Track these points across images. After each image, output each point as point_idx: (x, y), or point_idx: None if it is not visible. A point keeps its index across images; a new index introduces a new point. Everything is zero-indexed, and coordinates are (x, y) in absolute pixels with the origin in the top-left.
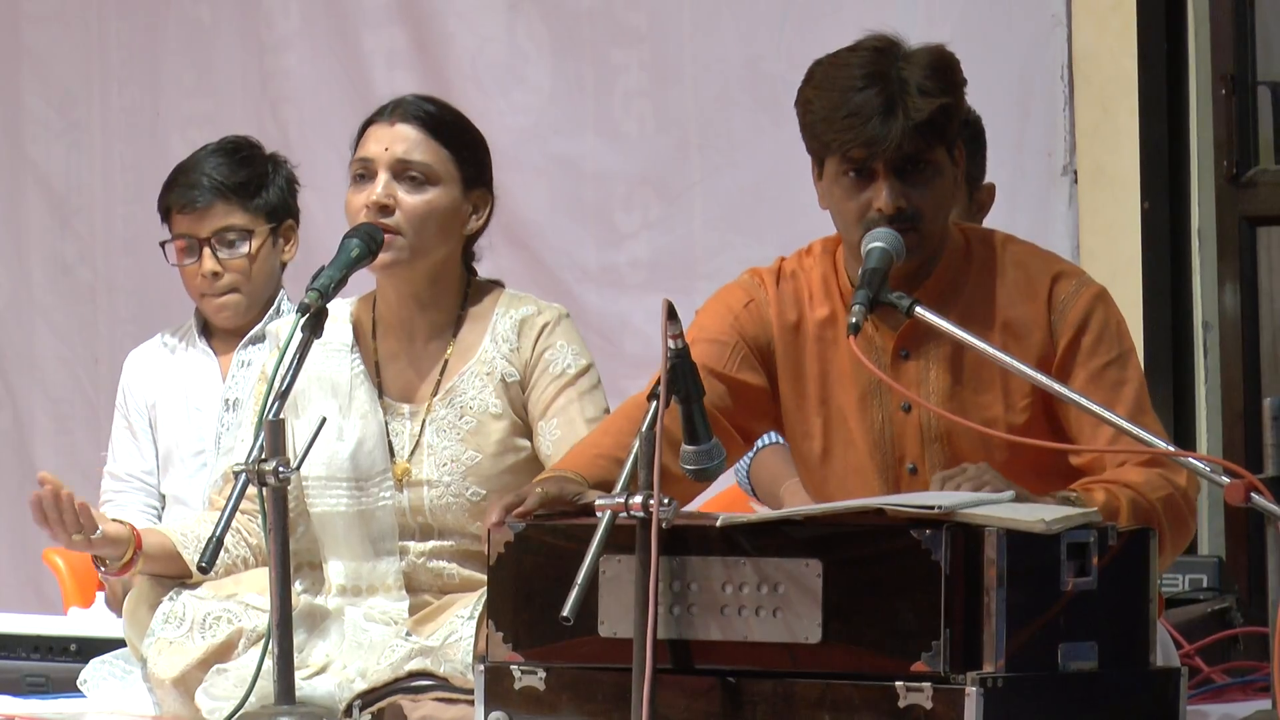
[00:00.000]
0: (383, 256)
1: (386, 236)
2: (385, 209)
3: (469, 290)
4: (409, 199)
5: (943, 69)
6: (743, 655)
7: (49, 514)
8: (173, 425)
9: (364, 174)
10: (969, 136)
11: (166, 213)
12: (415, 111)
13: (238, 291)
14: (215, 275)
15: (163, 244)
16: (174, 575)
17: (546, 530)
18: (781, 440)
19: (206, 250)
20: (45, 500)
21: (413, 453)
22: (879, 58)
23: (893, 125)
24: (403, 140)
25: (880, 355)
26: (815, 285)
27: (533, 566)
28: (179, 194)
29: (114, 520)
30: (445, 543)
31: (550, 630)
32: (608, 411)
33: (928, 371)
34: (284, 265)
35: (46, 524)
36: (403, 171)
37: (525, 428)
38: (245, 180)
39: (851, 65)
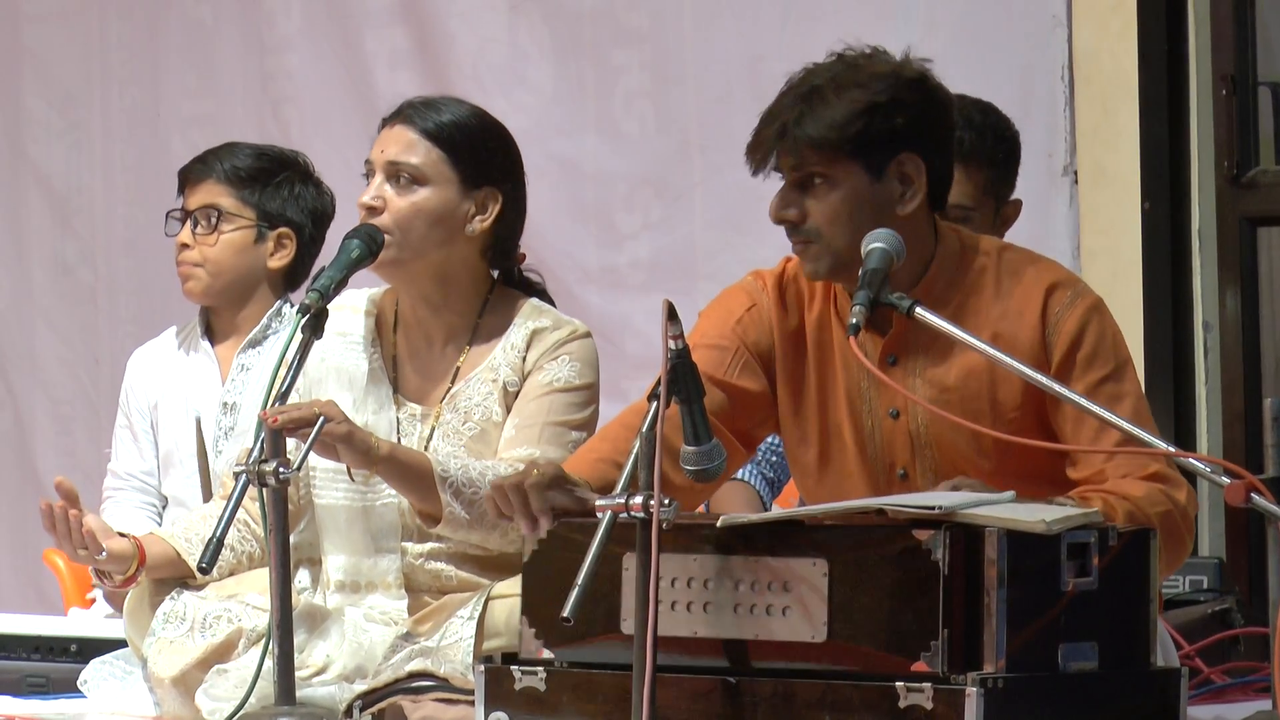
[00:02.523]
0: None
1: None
2: (372, 210)
3: (490, 296)
4: (397, 200)
5: (887, 84)
6: (742, 655)
7: (57, 527)
8: (173, 427)
9: (367, 176)
10: (1005, 152)
11: (179, 186)
12: (413, 114)
13: (201, 269)
14: (184, 246)
15: (168, 212)
16: (180, 577)
17: (578, 529)
18: (747, 478)
19: (187, 223)
20: (56, 515)
21: None
22: (824, 69)
23: (772, 132)
24: (396, 142)
25: (868, 360)
26: (815, 287)
27: (565, 564)
28: (188, 167)
29: (119, 534)
30: (442, 544)
31: (578, 626)
32: (581, 429)
33: (914, 380)
34: (277, 271)
35: (53, 533)
36: (394, 173)
37: None
38: (246, 169)
39: (801, 75)
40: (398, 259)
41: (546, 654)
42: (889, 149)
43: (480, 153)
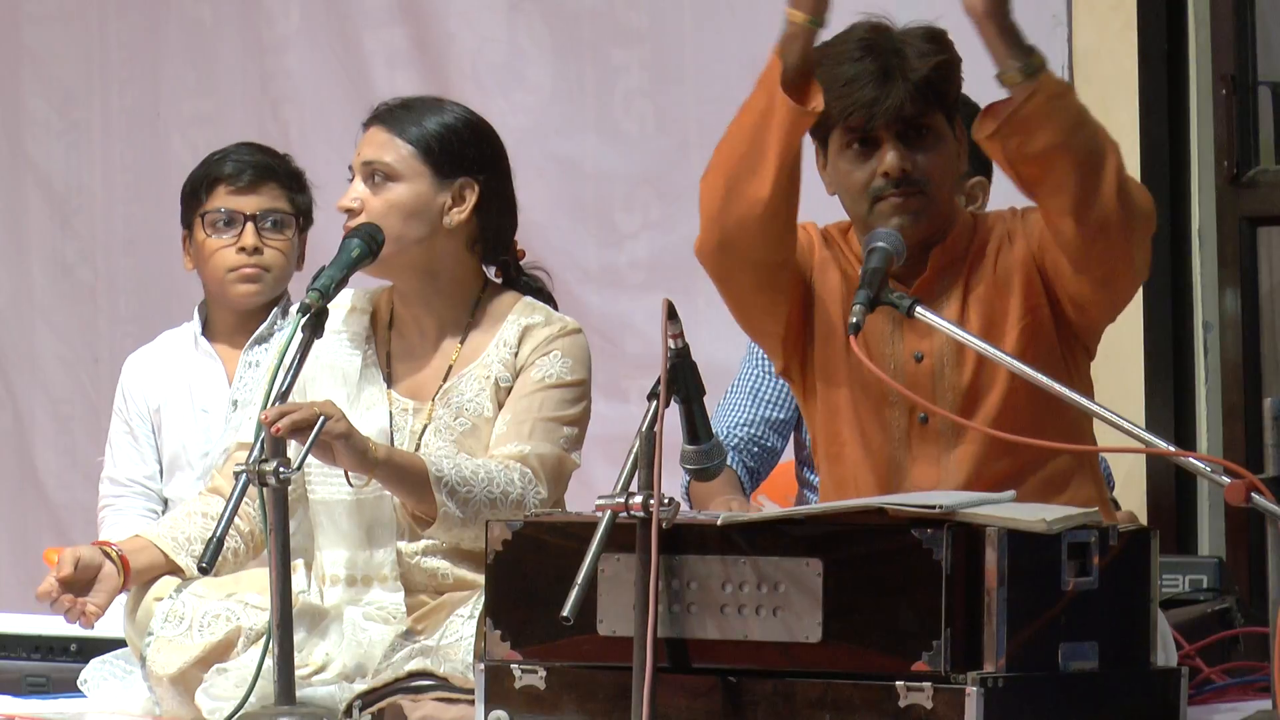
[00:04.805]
0: None
1: None
2: (351, 212)
3: (483, 293)
4: (372, 199)
5: (938, 38)
6: (742, 655)
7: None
8: (179, 428)
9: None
10: (964, 116)
11: (211, 185)
12: (385, 114)
13: (269, 273)
14: (256, 250)
15: (201, 215)
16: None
17: (545, 528)
18: (730, 464)
19: (250, 226)
20: (56, 603)
21: (414, 451)
22: (875, 33)
23: (890, 87)
24: (370, 144)
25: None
26: (842, 245)
27: (531, 565)
28: (229, 167)
29: (102, 550)
30: (437, 541)
31: (549, 629)
32: (573, 424)
33: (942, 313)
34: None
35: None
36: (370, 174)
37: None
38: (293, 173)
39: (848, 42)
40: (380, 256)
41: (515, 656)
42: (954, 106)
43: (452, 144)
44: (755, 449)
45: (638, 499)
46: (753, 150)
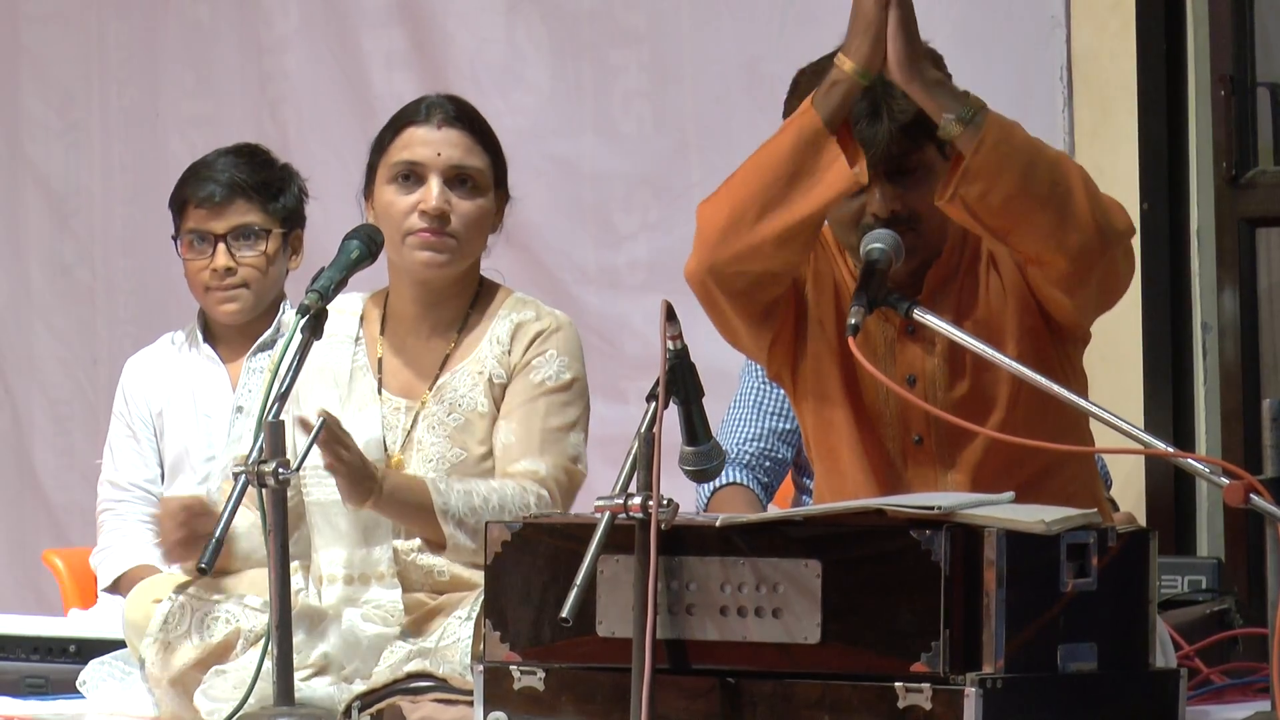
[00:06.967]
0: (435, 257)
1: (436, 239)
2: (444, 216)
3: (479, 291)
4: (463, 204)
5: None
6: (741, 656)
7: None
8: (181, 432)
9: (409, 176)
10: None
11: (182, 206)
12: (460, 115)
13: (247, 288)
14: (228, 271)
15: (174, 237)
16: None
17: (544, 529)
18: (744, 481)
19: (221, 246)
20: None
21: (403, 448)
22: None
23: (878, 128)
24: (455, 146)
25: (886, 329)
26: (835, 253)
27: (530, 566)
28: (198, 188)
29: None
30: None
31: (548, 630)
32: (575, 425)
33: (933, 336)
34: (288, 273)
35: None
36: (455, 177)
37: None
38: (265, 181)
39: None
40: (454, 263)
41: (514, 658)
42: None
43: (502, 156)
44: (767, 463)
45: (636, 500)
46: (771, 194)
